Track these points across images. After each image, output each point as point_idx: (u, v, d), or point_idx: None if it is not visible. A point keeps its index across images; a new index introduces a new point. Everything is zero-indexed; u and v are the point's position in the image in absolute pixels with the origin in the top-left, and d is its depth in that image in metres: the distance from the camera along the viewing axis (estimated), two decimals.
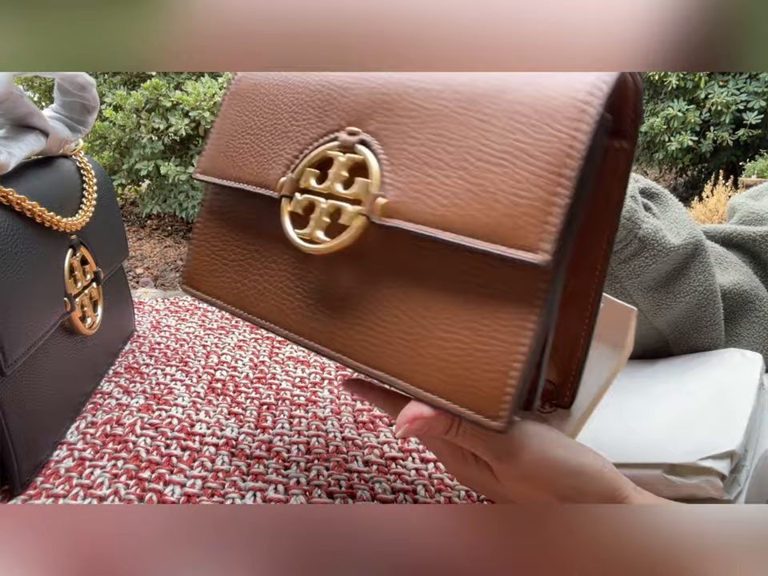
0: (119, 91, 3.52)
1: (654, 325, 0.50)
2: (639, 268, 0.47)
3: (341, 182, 0.35)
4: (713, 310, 0.49)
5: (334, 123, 0.37)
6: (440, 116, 0.32)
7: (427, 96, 0.33)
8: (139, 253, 3.61)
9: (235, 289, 0.42)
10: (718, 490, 0.36)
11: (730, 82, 4.27)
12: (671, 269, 0.47)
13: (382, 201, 0.33)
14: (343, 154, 0.36)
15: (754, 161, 4.20)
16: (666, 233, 0.47)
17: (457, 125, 0.32)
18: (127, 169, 3.71)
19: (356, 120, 0.36)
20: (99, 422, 0.50)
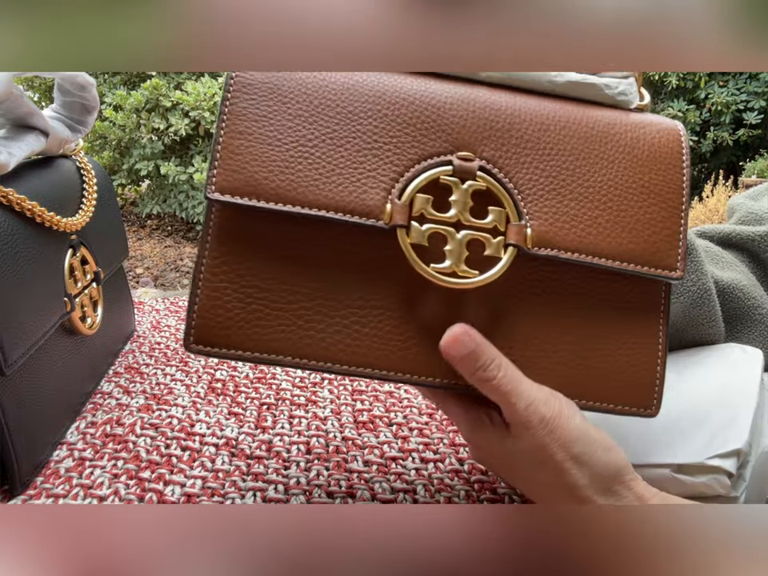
0: (119, 91, 3.52)
1: None
2: None
3: (469, 211, 0.34)
4: (708, 307, 0.49)
5: (438, 145, 0.35)
6: (561, 150, 0.36)
7: (540, 128, 0.36)
8: (139, 253, 3.61)
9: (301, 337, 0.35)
10: (725, 487, 0.37)
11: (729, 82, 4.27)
12: None
13: (529, 230, 0.35)
14: (462, 181, 0.34)
15: (753, 161, 4.20)
16: None
17: (581, 159, 0.36)
18: (127, 169, 3.71)
19: (464, 144, 0.35)
20: (99, 421, 0.50)
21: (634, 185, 0.36)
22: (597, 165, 0.36)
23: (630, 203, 0.36)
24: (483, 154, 0.35)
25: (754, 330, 0.51)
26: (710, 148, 4.40)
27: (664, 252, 0.36)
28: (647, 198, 0.36)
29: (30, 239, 0.44)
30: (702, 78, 4.27)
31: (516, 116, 0.36)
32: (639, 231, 0.36)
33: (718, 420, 0.40)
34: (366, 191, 0.34)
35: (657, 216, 0.36)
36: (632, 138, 0.37)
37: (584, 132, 0.36)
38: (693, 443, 0.39)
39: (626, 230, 0.36)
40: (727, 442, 0.38)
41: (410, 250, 0.33)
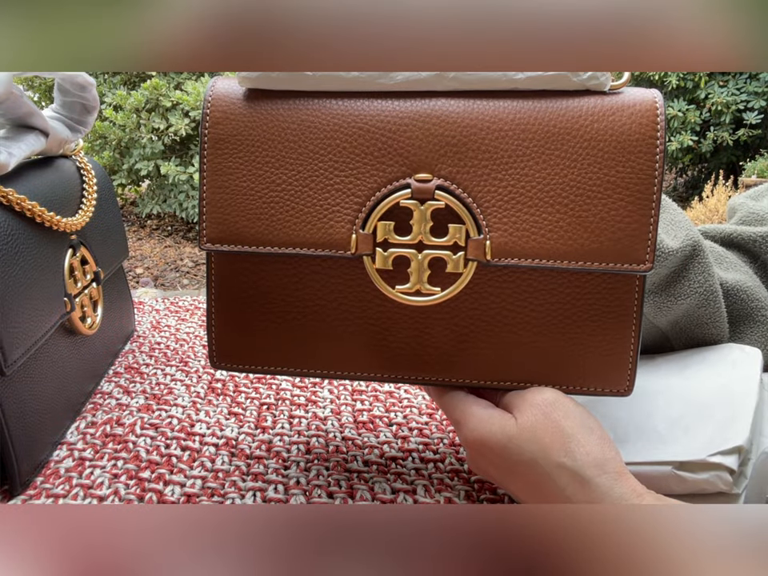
0: (119, 91, 3.52)
1: (655, 324, 0.50)
2: None
3: (429, 231, 0.36)
4: (714, 308, 0.49)
5: (395, 170, 0.36)
6: (519, 156, 0.36)
7: (497, 136, 0.36)
8: (139, 253, 3.61)
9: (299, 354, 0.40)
10: (727, 484, 0.37)
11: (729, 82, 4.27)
12: (670, 272, 0.47)
13: (487, 243, 0.36)
14: (421, 203, 0.36)
15: (753, 161, 4.20)
16: (663, 236, 0.47)
17: (540, 163, 0.36)
18: (127, 169, 3.71)
19: (421, 165, 0.36)
20: (99, 421, 0.50)
21: (598, 182, 0.35)
22: (558, 165, 0.36)
23: (593, 202, 0.35)
24: (441, 172, 0.36)
25: (756, 331, 0.51)
26: (710, 148, 4.40)
27: (630, 247, 0.35)
28: (612, 194, 0.35)
29: (30, 239, 0.44)
30: (702, 78, 4.27)
31: (472, 126, 0.36)
32: (603, 229, 0.35)
33: (719, 418, 0.40)
34: (332, 225, 0.37)
35: (623, 211, 0.35)
36: (598, 130, 0.35)
37: (544, 132, 0.36)
38: (694, 440, 0.39)
39: (588, 229, 0.36)
40: (728, 439, 0.38)
41: (375, 275, 0.37)
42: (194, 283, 3.30)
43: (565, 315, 0.38)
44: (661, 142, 0.35)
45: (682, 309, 0.48)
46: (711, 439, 0.38)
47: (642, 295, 0.37)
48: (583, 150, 0.35)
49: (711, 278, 0.48)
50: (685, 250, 0.47)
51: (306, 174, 0.37)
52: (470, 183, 0.36)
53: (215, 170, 0.38)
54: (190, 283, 3.31)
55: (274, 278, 0.39)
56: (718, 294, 0.49)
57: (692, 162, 4.82)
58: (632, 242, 0.35)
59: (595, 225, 0.35)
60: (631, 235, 0.35)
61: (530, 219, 0.36)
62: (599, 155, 0.35)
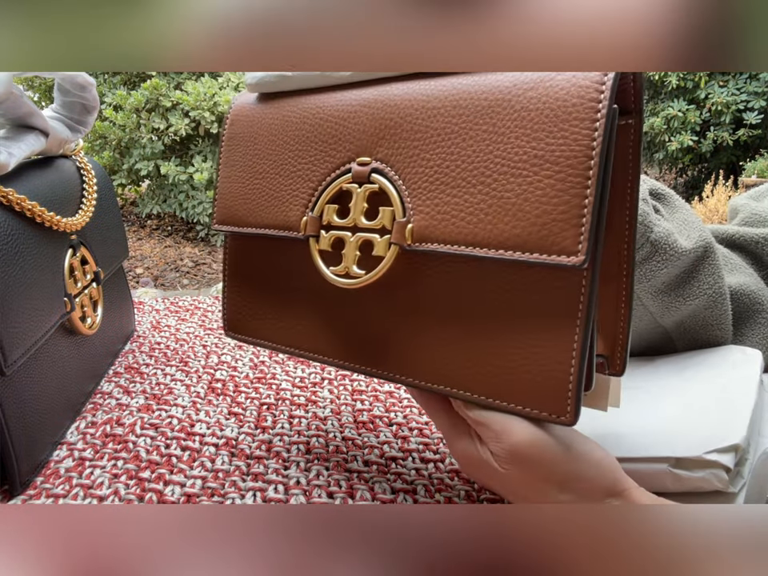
0: (119, 91, 3.52)
1: (660, 324, 0.50)
2: (650, 272, 0.47)
3: (363, 214, 0.36)
4: (721, 310, 0.49)
5: (343, 155, 0.37)
6: (448, 133, 0.33)
7: (429, 115, 0.34)
8: (139, 253, 3.61)
9: (277, 328, 0.43)
10: (723, 482, 0.37)
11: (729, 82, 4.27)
12: (681, 272, 0.47)
13: (410, 226, 0.34)
14: (359, 186, 0.36)
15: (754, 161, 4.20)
16: (677, 236, 0.47)
17: (467, 140, 0.32)
18: (127, 169, 3.71)
19: (363, 149, 0.36)
20: (99, 421, 0.50)
21: (524, 156, 0.30)
22: (485, 141, 0.32)
23: (516, 180, 0.30)
24: (378, 155, 0.36)
25: (758, 333, 0.51)
26: (710, 148, 4.40)
27: (557, 234, 0.29)
28: (540, 171, 0.30)
29: (30, 239, 0.44)
30: (702, 78, 4.27)
31: (408, 107, 0.35)
32: (526, 212, 0.30)
33: (716, 416, 0.40)
34: (291, 209, 0.40)
35: (550, 191, 0.29)
36: (530, 98, 0.31)
37: (475, 106, 0.32)
38: (691, 438, 0.39)
39: (509, 212, 0.31)
40: (725, 437, 0.38)
41: (315, 256, 0.38)
42: (194, 283, 3.30)
43: (491, 314, 0.33)
44: (604, 105, 0.28)
45: (689, 309, 0.48)
46: (708, 437, 0.38)
47: (590, 299, 0.30)
48: (512, 121, 0.31)
49: (721, 280, 0.48)
50: (697, 250, 0.47)
51: (278, 163, 0.41)
52: (402, 165, 0.35)
53: (225, 163, 0.44)
54: (189, 283, 3.31)
55: (257, 255, 0.44)
56: (725, 296, 0.49)
57: (692, 161, 4.82)
58: (560, 228, 0.29)
59: (517, 207, 0.30)
60: (558, 219, 0.29)
61: (452, 201, 0.33)
62: (528, 126, 0.30)
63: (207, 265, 3.52)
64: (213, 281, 3.31)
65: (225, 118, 0.44)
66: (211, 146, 3.62)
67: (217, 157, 0.46)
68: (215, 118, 3.45)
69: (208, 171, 3.48)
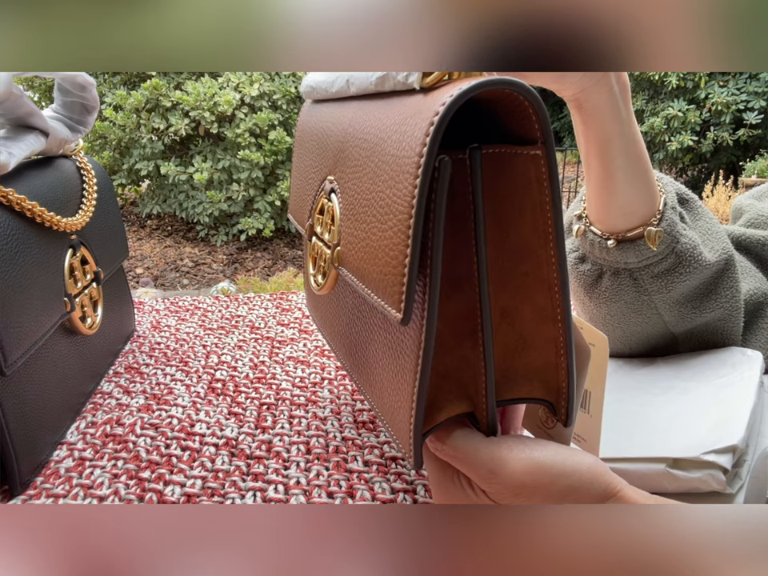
0: (119, 91, 3.52)
1: (671, 331, 0.49)
2: (671, 283, 0.45)
3: (327, 229, 0.39)
4: (734, 323, 0.48)
5: (324, 170, 0.40)
6: (360, 166, 0.34)
7: (361, 142, 0.34)
8: (139, 253, 3.61)
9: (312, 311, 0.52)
10: (720, 483, 0.37)
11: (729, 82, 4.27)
12: (700, 284, 0.46)
13: (338, 249, 0.37)
14: (329, 201, 0.39)
15: (754, 161, 4.21)
16: (702, 248, 0.45)
17: (367, 175, 0.32)
18: (127, 169, 3.71)
19: (331, 168, 0.39)
20: (99, 422, 0.50)
21: (383, 203, 0.29)
22: (371, 180, 0.31)
23: (379, 226, 0.30)
24: (336, 176, 0.38)
25: (761, 336, 0.51)
26: (710, 148, 4.40)
27: (389, 287, 0.29)
28: (387, 220, 0.29)
29: (30, 239, 0.44)
30: (702, 78, 4.27)
31: (351, 132, 0.36)
32: (379, 257, 0.30)
33: (714, 416, 0.40)
34: (304, 212, 0.44)
35: (389, 242, 0.28)
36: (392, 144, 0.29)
37: (377, 138, 0.31)
38: (689, 439, 0.39)
39: (371, 254, 0.31)
40: (723, 438, 0.38)
41: (307, 260, 0.43)
42: (194, 283, 3.30)
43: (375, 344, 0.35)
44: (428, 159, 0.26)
45: (703, 320, 0.48)
46: (706, 437, 0.38)
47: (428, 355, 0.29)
48: (382, 164, 0.30)
49: (738, 294, 0.47)
50: (720, 263, 0.46)
51: (300, 168, 0.46)
52: (343, 189, 0.36)
53: (293, 163, 0.50)
54: (189, 283, 3.31)
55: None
56: (741, 310, 0.48)
57: (692, 162, 4.82)
58: (390, 282, 0.28)
59: (374, 250, 0.30)
60: (391, 273, 0.28)
61: (354, 233, 0.33)
62: (387, 172, 0.29)
63: (207, 265, 3.52)
64: (213, 281, 3.31)
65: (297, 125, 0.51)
66: (211, 145, 3.62)
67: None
68: (215, 118, 3.45)
69: (208, 171, 3.48)
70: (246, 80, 3.53)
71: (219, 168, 3.53)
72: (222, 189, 3.57)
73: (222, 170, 3.54)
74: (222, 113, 3.44)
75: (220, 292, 2.87)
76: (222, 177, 3.53)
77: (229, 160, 3.52)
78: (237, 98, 3.44)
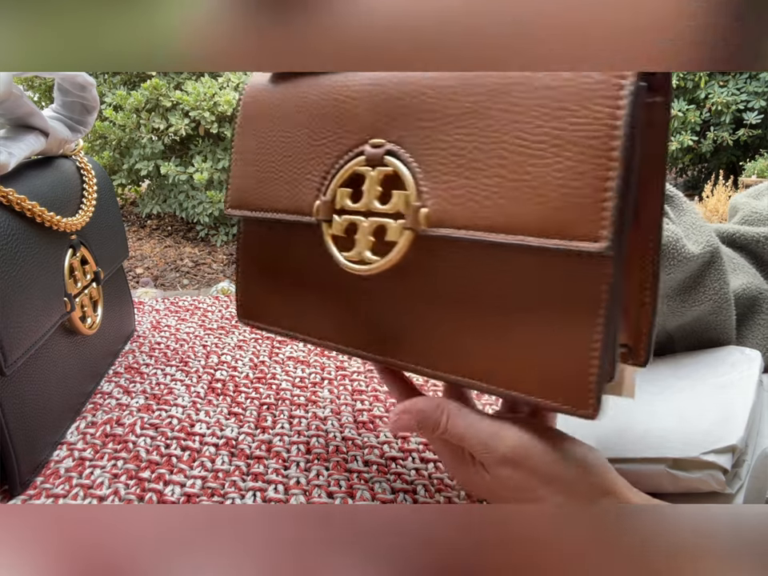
0: (119, 91, 3.52)
1: (663, 327, 0.49)
2: None
3: (377, 198, 0.35)
4: (725, 316, 0.48)
5: (355, 137, 0.36)
6: (463, 113, 0.32)
7: (442, 95, 0.33)
8: (139, 253, 3.61)
9: (290, 315, 0.43)
10: (720, 483, 0.37)
11: (729, 82, 4.27)
12: (687, 277, 0.47)
13: (424, 211, 0.33)
14: (373, 168, 0.35)
15: (754, 161, 4.20)
16: (685, 241, 0.46)
17: (483, 120, 0.31)
18: (127, 169, 3.71)
19: (377, 130, 0.35)
20: (99, 421, 0.50)
21: (545, 137, 0.29)
22: (500, 122, 0.30)
23: (536, 161, 0.29)
24: (392, 137, 0.34)
25: (758, 334, 0.51)
26: (710, 148, 4.40)
27: (580, 218, 0.28)
28: (561, 152, 0.28)
29: (30, 239, 0.44)
30: (702, 78, 4.27)
31: (423, 86, 0.33)
32: (546, 195, 0.29)
33: (714, 417, 0.40)
34: (304, 192, 0.38)
35: (571, 173, 0.28)
36: (555, 80, 0.29)
37: (491, 85, 0.31)
38: (688, 439, 0.39)
39: (528, 195, 0.29)
40: (722, 438, 0.38)
41: (328, 241, 0.37)
42: (194, 283, 3.30)
43: (509, 302, 0.32)
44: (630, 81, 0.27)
45: (694, 314, 0.48)
46: (705, 437, 0.38)
47: (613, 287, 0.29)
48: (530, 100, 0.29)
49: (726, 286, 0.48)
50: (705, 255, 0.46)
51: (290, 144, 0.39)
52: (417, 147, 0.33)
53: (238, 145, 0.42)
54: (189, 283, 3.31)
55: (270, 240, 0.43)
56: (730, 302, 0.48)
57: (692, 162, 4.82)
58: (581, 213, 0.28)
59: (538, 190, 0.29)
60: (580, 203, 0.28)
61: (468, 184, 0.31)
62: (548, 105, 0.29)
63: (207, 265, 3.52)
64: (213, 281, 3.31)
65: (239, 100, 0.42)
66: (211, 145, 3.62)
67: (231, 141, 0.44)
68: (215, 117, 3.44)
69: (208, 171, 3.48)
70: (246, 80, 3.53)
71: (219, 168, 3.53)
72: (221, 189, 3.57)
73: (222, 169, 3.54)
74: (222, 113, 3.44)
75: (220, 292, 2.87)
76: (221, 177, 3.53)
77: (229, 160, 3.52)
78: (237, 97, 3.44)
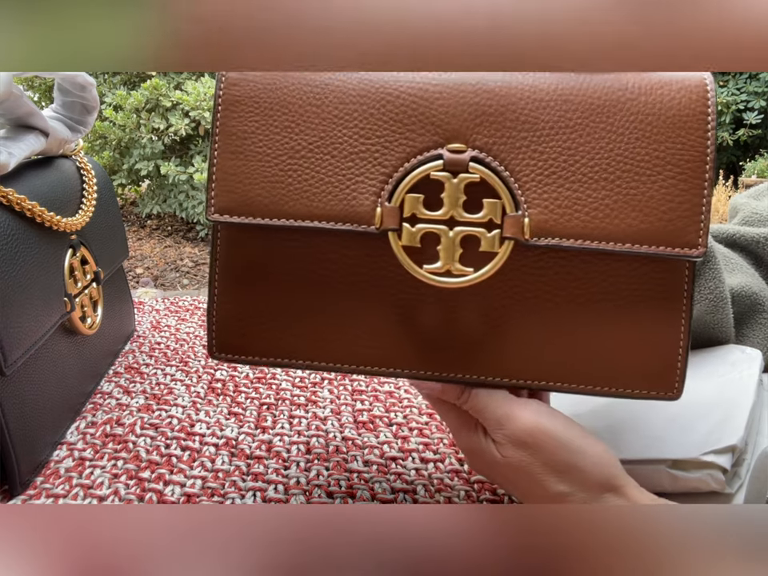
0: (119, 91, 3.52)
1: None
2: None
3: (462, 206, 0.33)
4: (722, 314, 0.48)
5: (426, 139, 0.34)
6: (562, 127, 0.33)
7: (537, 106, 0.34)
8: (139, 253, 3.61)
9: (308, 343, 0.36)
10: (720, 483, 0.37)
11: (729, 82, 4.27)
12: None
13: (526, 220, 0.33)
14: (453, 175, 0.33)
15: (754, 161, 4.20)
16: None
17: (584, 136, 0.33)
18: (127, 169, 3.71)
19: (455, 135, 0.34)
20: (99, 422, 0.50)
21: (647, 157, 0.33)
22: (603, 139, 0.33)
23: (641, 179, 0.33)
24: (476, 143, 0.33)
25: (759, 333, 0.51)
26: None
27: (682, 228, 0.33)
28: (663, 171, 0.33)
29: (30, 239, 0.44)
30: None
31: (510, 96, 0.34)
32: (653, 208, 0.33)
33: (714, 417, 0.40)
34: (356, 197, 0.34)
35: (674, 190, 0.33)
36: (645, 104, 0.33)
37: (588, 103, 0.33)
38: (688, 439, 0.39)
39: (636, 208, 0.33)
40: (722, 438, 0.38)
41: (402, 253, 0.33)
42: (194, 283, 3.30)
43: (607, 305, 0.35)
44: (712, 118, 0.33)
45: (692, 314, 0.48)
46: (705, 438, 0.38)
47: (691, 284, 0.35)
48: (630, 123, 0.33)
49: (722, 285, 0.48)
50: None
51: (327, 140, 0.34)
52: (508, 155, 0.33)
53: (228, 133, 0.35)
54: (189, 283, 3.31)
55: (286, 254, 0.35)
56: (727, 300, 0.48)
57: None
58: (684, 224, 0.33)
59: (644, 204, 0.33)
60: (683, 216, 0.33)
61: (573, 195, 0.33)
62: (647, 129, 0.33)
63: (207, 265, 3.52)
64: None
65: (218, 79, 0.35)
66: None
67: (212, 127, 0.34)
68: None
69: None
70: None
71: None
72: None
73: None
74: None
75: None
76: None
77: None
78: None
